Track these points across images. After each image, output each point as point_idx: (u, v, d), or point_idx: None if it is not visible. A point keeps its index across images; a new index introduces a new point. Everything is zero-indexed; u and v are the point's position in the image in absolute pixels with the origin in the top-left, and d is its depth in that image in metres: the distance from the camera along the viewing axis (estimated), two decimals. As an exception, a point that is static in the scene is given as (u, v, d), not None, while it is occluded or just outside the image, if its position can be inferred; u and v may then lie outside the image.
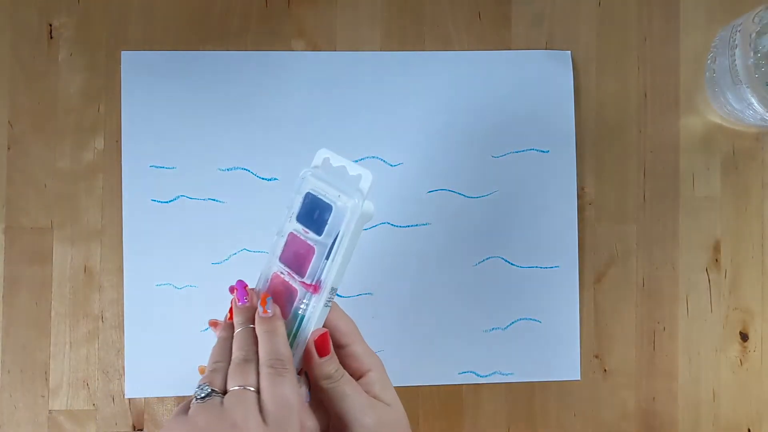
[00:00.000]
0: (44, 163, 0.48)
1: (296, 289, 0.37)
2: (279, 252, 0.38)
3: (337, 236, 0.36)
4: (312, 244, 0.37)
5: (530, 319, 0.49)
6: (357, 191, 0.36)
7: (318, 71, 0.49)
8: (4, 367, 0.47)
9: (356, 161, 0.48)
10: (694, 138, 0.51)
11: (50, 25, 0.48)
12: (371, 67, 0.49)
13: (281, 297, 0.38)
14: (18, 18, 0.48)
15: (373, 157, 0.49)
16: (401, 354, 0.48)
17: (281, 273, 0.38)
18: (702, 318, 0.50)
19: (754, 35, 0.43)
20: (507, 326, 0.49)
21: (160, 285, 0.47)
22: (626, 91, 0.51)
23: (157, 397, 0.47)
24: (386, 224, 0.48)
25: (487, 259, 0.49)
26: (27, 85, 0.48)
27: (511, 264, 0.49)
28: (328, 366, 0.36)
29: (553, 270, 0.49)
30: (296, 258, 0.38)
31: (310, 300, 0.37)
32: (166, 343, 0.47)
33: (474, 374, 0.49)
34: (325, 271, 0.37)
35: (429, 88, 0.49)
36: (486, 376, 0.49)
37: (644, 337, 0.50)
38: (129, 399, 0.48)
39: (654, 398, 0.50)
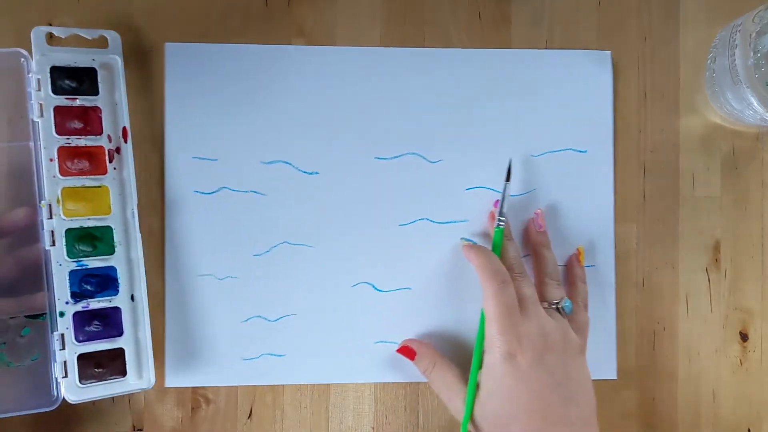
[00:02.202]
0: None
1: (101, 147, 0.44)
2: (52, 128, 0.43)
3: (114, 87, 0.44)
4: (91, 105, 0.44)
5: None
6: (111, 50, 0.45)
7: (361, 66, 0.49)
8: (3, 366, 0.47)
9: (395, 157, 0.48)
10: (694, 138, 0.51)
11: (50, 25, 0.48)
12: (412, 64, 0.49)
13: (83, 159, 0.44)
14: (18, 18, 0.48)
15: (413, 153, 0.49)
16: (439, 349, 0.48)
17: (68, 143, 0.44)
18: (702, 318, 0.50)
19: (754, 35, 0.43)
20: None
21: (202, 276, 0.47)
22: (626, 91, 0.51)
23: (158, 397, 0.48)
24: (425, 220, 0.49)
25: (524, 256, 0.49)
26: (27, 84, 0.48)
27: None
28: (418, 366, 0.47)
29: (589, 269, 0.49)
30: (78, 123, 0.44)
31: (126, 150, 0.45)
32: (207, 333, 0.47)
33: None
34: (124, 116, 0.45)
35: (469, 87, 0.49)
36: None
37: (644, 337, 0.50)
38: (129, 398, 0.48)
39: (654, 398, 0.50)
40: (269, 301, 0.48)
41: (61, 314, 0.43)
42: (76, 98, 0.44)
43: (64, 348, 0.43)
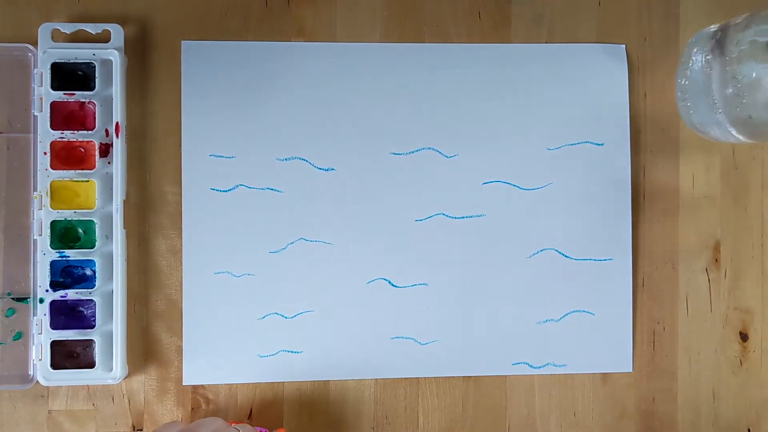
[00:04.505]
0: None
1: (92, 142, 0.45)
2: (47, 123, 0.45)
3: (112, 82, 0.45)
4: (87, 100, 0.45)
5: (584, 311, 0.49)
6: (111, 45, 0.45)
7: (374, 62, 0.49)
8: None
9: (411, 152, 0.49)
10: (694, 138, 0.51)
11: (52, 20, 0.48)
12: (428, 59, 0.49)
13: (74, 157, 0.45)
14: (17, 18, 0.48)
15: (429, 148, 0.49)
16: (455, 345, 0.49)
17: (61, 138, 0.45)
18: (702, 318, 0.50)
19: (732, 61, 0.40)
20: (560, 318, 0.49)
21: (219, 273, 0.48)
22: (626, 91, 0.51)
23: (158, 398, 0.47)
24: (441, 215, 0.49)
25: (541, 251, 0.49)
26: (27, 84, 0.48)
27: (565, 256, 0.49)
28: None
29: (607, 263, 0.49)
30: (73, 119, 0.45)
31: (116, 145, 0.45)
32: (224, 330, 0.47)
33: (527, 365, 0.49)
34: (119, 112, 0.45)
35: (485, 80, 0.49)
36: (539, 367, 0.49)
37: (644, 337, 0.50)
38: (129, 398, 0.48)
39: (654, 398, 0.50)
40: (286, 298, 0.48)
41: (41, 301, 0.45)
42: (75, 93, 0.45)
43: (41, 333, 0.45)
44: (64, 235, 0.46)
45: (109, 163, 0.46)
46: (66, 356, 0.45)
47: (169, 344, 0.48)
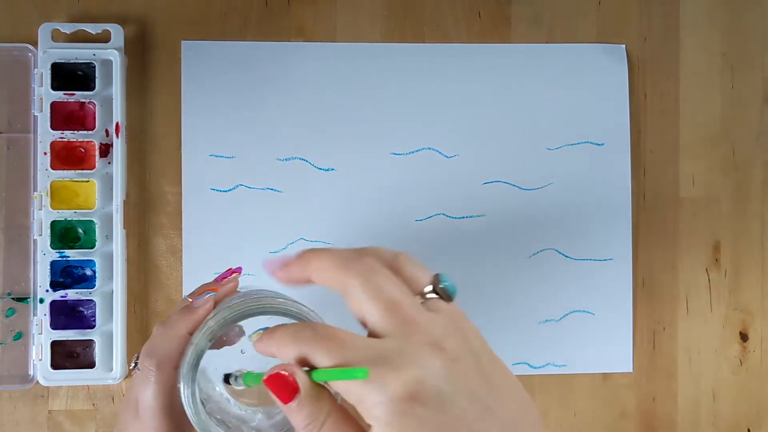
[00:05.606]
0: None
1: (92, 142, 0.45)
2: (47, 123, 0.45)
3: (112, 82, 0.45)
4: (87, 100, 0.45)
5: (584, 311, 0.49)
6: (111, 45, 0.46)
7: (374, 62, 0.49)
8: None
9: (411, 152, 0.49)
10: (694, 138, 0.51)
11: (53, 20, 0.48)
12: (427, 58, 0.49)
13: (74, 157, 0.45)
14: (17, 18, 0.48)
15: (429, 148, 0.49)
16: None
17: (61, 138, 0.45)
18: (702, 318, 0.50)
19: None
20: (561, 318, 0.49)
21: (219, 273, 0.47)
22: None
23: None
24: (441, 215, 0.49)
25: (541, 251, 0.49)
26: (27, 84, 0.48)
27: (566, 256, 0.49)
28: (298, 415, 0.25)
29: (607, 263, 0.49)
30: (73, 119, 0.45)
31: (116, 145, 0.45)
32: None
33: (527, 365, 0.49)
34: (119, 112, 0.45)
35: (486, 81, 0.49)
36: (539, 367, 0.49)
37: (644, 337, 0.50)
38: (129, 399, 0.48)
39: (654, 398, 0.50)
40: None
41: (41, 301, 0.45)
42: (75, 93, 0.45)
43: (41, 333, 0.45)
44: (64, 235, 0.45)
45: (109, 163, 0.46)
46: (66, 356, 0.45)
47: (169, 344, 0.48)
